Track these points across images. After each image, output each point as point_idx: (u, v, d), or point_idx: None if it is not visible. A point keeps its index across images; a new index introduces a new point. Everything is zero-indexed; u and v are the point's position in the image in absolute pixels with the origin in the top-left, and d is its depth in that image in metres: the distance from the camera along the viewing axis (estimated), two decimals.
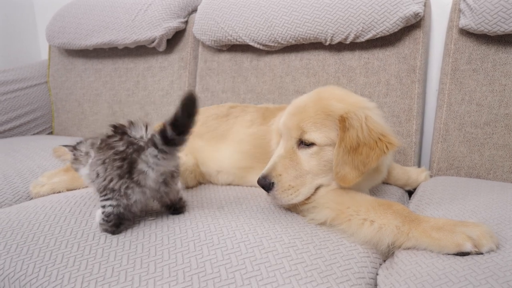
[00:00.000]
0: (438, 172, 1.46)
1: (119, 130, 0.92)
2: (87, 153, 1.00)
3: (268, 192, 1.02)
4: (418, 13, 1.39)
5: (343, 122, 0.98)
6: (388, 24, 1.41)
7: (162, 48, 1.99)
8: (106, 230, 0.93)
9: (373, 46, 1.53)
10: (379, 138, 0.97)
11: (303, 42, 1.62)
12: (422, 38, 1.46)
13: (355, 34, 1.48)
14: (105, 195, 0.91)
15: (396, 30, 1.43)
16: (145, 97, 2.09)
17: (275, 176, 1.01)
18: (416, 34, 1.47)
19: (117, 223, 0.93)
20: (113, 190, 0.89)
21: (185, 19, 1.98)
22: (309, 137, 1.00)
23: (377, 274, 0.84)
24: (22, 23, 2.73)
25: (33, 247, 0.89)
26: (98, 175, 0.91)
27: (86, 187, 1.23)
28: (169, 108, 2.01)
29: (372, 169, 0.98)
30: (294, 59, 1.69)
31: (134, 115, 2.12)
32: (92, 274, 0.79)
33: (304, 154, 1.02)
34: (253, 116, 1.35)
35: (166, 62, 2.03)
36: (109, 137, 0.92)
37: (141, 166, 0.87)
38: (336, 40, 1.53)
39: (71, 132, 2.36)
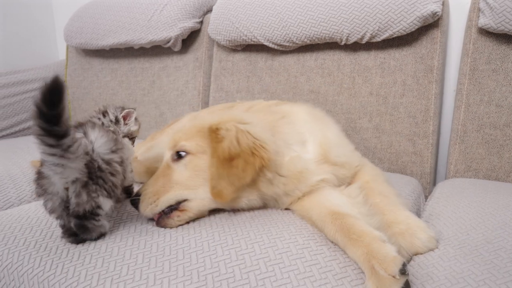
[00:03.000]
0: (456, 174, 1.44)
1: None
2: None
3: (139, 209, 0.97)
4: (436, 13, 1.36)
5: (214, 133, 0.95)
6: (405, 23, 1.39)
7: (177, 48, 2.00)
8: (68, 241, 0.90)
9: (389, 45, 1.51)
10: (252, 152, 0.93)
11: (318, 42, 1.61)
12: (440, 38, 1.44)
13: (371, 34, 1.46)
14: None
15: (413, 29, 1.41)
16: (160, 97, 2.11)
17: (143, 189, 0.98)
18: (433, 34, 1.44)
19: (70, 233, 0.89)
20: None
21: (200, 19, 1.99)
22: (181, 145, 0.98)
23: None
24: (41, 23, 2.79)
25: (51, 244, 0.91)
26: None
27: None
28: (184, 108, 2.03)
29: (248, 185, 0.94)
30: (309, 59, 1.68)
31: (149, 114, 2.14)
32: (108, 271, 0.80)
33: (178, 166, 0.98)
34: (244, 108, 1.37)
35: (181, 62, 2.05)
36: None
37: (44, 169, 0.80)
38: (352, 40, 1.51)
39: None
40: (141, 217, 1.02)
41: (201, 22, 2.01)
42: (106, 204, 0.89)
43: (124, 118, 1.08)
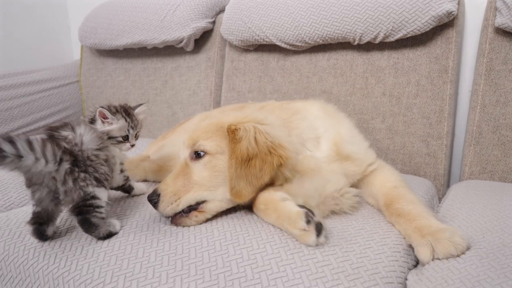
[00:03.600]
0: (470, 176, 1.41)
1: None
2: None
3: (156, 207, 0.97)
4: (451, 12, 1.34)
5: (233, 134, 0.95)
6: (419, 23, 1.38)
7: (190, 48, 2.01)
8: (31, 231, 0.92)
9: (403, 45, 1.49)
10: (269, 151, 0.93)
11: (331, 42, 1.60)
12: (455, 38, 1.41)
13: (384, 34, 1.45)
14: None
15: (428, 29, 1.39)
16: (173, 97, 2.12)
17: (163, 188, 0.98)
18: (448, 34, 1.42)
19: (34, 221, 0.91)
20: None
21: (213, 19, 2.00)
22: (200, 145, 0.98)
23: (406, 279, 0.82)
24: (56, 24, 2.83)
25: (65, 241, 0.92)
26: None
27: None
28: (196, 108, 2.04)
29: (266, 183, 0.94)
30: (321, 59, 1.67)
31: (162, 114, 2.16)
32: (121, 269, 0.81)
33: (197, 166, 0.98)
34: (256, 108, 1.37)
35: (194, 62, 2.06)
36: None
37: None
38: (365, 39, 1.50)
39: None
40: (153, 216, 1.03)
41: (214, 22, 2.01)
42: (103, 194, 0.91)
43: (104, 117, 1.03)
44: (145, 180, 1.36)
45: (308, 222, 0.81)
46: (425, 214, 0.93)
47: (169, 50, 2.12)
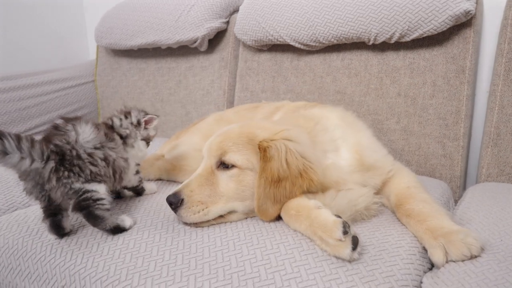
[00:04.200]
0: (487, 178, 1.39)
1: None
2: None
3: (175, 211, 0.96)
4: (469, 11, 1.32)
5: (264, 151, 0.93)
6: (436, 22, 1.36)
7: (204, 48, 2.02)
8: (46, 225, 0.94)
9: (419, 45, 1.48)
10: (301, 174, 0.92)
11: (345, 42, 1.59)
12: (473, 37, 1.39)
13: (400, 34, 1.43)
14: None
15: (445, 29, 1.37)
16: (186, 96, 2.13)
17: (187, 192, 0.96)
18: (466, 33, 1.40)
19: (47, 214, 0.93)
20: None
21: (227, 19, 2.01)
22: (230, 157, 0.95)
23: (421, 282, 0.81)
24: (72, 24, 2.88)
25: (81, 238, 0.94)
26: None
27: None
28: (209, 107, 2.05)
29: None
30: (335, 59, 1.66)
31: (175, 113, 2.18)
32: (136, 267, 0.82)
33: (223, 176, 0.97)
34: (271, 108, 1.38)
35: (207, 62, 2.06)
36: None
37: None
38: (380, 39, 1.49)
39: None
40: (167, 214, 1.03)
41: (228, 22, 2.02)
42: (98, 187, 0.92)
43: (146, 122, 1.13)
44: (159, 179, 1.38)
45: (345, 233, 0.78)
46: (437, 214, 0.92)
47: (183, 50, 2.14)
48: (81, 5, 2.93)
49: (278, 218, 0.96)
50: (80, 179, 0.89)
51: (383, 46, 1.54)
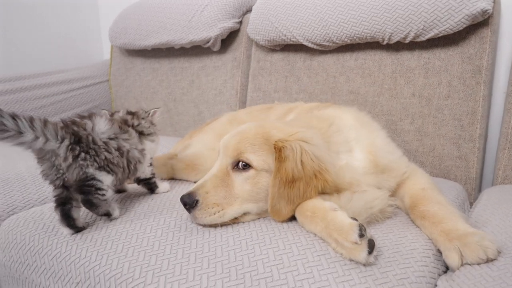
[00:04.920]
0: (504, 181, 1.36)
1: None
2: None
3: (189, 211, 0.96)
4: (486, 10, 1.30)
5: (279, 152, 0.92)
6: (452, 22, 1.34)
7: (217, 48, 2.03)
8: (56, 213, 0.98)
9: (434, 45, 1.46)
10: (315, 175, 0.91)
11: (359, 42, 1.58)
12: (490, 37, 1.37)
13: (415, 33, 1.41)
14: None
15: (461, 28, 1.35)
16: (199, 96, 2.15)
17: (202, 193, 0.95)
18: (483, 33, 1.37)
19: (59, 203, 0.96)
20: None
21: (240, 19, 2.01)
22: (247, 158, 0.95)
23: (436, 285, 0.80)
24: (87, 25, 2.92)
25: (96, 235, 0.95)
26: None
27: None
28: (222, 107, 2.05)
29: None
30: (348, 59, 1.65)
31: (188, 113, 2.19)
32: (149, 265, 0.83)
33: (239, 178, 0.96)
34: (284, 109, 1.38)
35: (220, 62, 2.07)
36: None
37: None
38: (395, 39, 1.47)
39: None
40: (180, 213, 1.04)
41: (240, 22, 2.02)
42: (105, 178, 0.96)
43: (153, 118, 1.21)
44: (171, 178, 1.38)
45: (361, 236, 0.77)
46: (452, 216, 0.90)
47: (196, 50, 2.15)
48: (96, 5, 2.97)
49: (292, 218, 0.96)
50: (95, 164, 0.94)
51: (398, 46, 1.53)
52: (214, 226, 0.96)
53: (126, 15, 2.38)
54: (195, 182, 1.02)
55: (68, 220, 0.96)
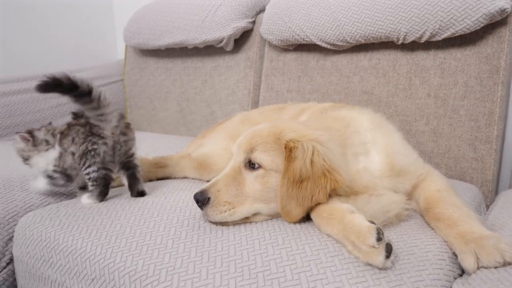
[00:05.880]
0: None
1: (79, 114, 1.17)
2: (45, 141, 1.14)
3: (202, 209, 0.97)
4: (504, 9, 1.27)
5: (289, 152, 0.91)
6: (469, 21, 1.32)
7: (230, 47, 2.04)
8: (99, 194, 1.14)
9: (450, 45, 1.43)
10: (324, 174, 0.89)
11: (373, 41, 1.56)
12: (508, 36, 1.34)
13: (431, 33, 1.39)
14: (84, 163, 1.12)
15: (478, 28, 1.32)
16: (212, 96, 2.15)
17: (214, 191, 0.96)
18: (501, 32, 1.35)
19: (106, 184, 1.15)
20: (85, 154, 1.10)
21: (253, 19, 2.01)
22: (256, 156, 0.95)
23: None
24: (102, 25, 2.96)
25: (110, 233, 0.96)
26: (73, 153, 1.13)
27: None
28: (234, 107, 2.06)
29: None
30: (362, 58, 1.64)
31: (201, 112, 2.20)
32: (163, 263, 0.83)
33: (250, 177, 0.96)
34: (297, 110, 1.38)
35: (233, 62, 2.08)
36: (72, 123, 1.16)
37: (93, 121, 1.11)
38: (410, 39, 1.45)
39: (142, 127, 2.51)
40: (193, 212, 1.05)
41: (254, 22, 2.02)
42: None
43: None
44: (185, 177, 1.39)
45: (378, 239, 0.75)
46: (467, 218, 0.89)
47: (209, 49, 2.16)
48: (111, 6, 3.00)
49: (305, 219, 0.95)
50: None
51: (413, 46, 1.51)
52: (226, 225, 0.97)
53: (140, 15, 2.40)
54: (208, 182, 1.02)
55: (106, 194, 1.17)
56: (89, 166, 1.11)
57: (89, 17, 2.85)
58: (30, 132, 1.15)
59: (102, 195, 1.15)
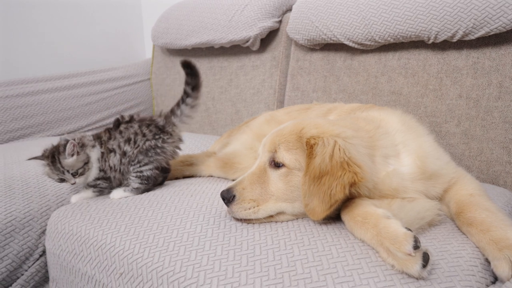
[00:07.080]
0: None
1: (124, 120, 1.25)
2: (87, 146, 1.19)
3: (227, 206, 0.98)
4: None
5: (310, 148, 0.90)
6: (505, 19, 1.27)
7: (256, 47, 2.04)
8: (142, 191, 1.23)
9: (484, 44, 1.39)
10: (342, 166, 0.86)
11: (403, 41, 1.53)
12: None
13: (464, 32, 1.35)
14: (140, 161, 1.20)
15: None
16: (237, 95, 2.16)
17: (239, 189, 0.97)
18: None
19: (154, 183, 1.26)
20: (148, 151, 1.19)
21: (279, 19, 2.01)
22: (279, 155, 0.95)
23: None
24: (131, 25, 3.02)
25: (138, 229, 0.98)
26: (125, 153, 1.20)
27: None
28: (259, 106, 2.06)
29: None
30: (391, 58, 1.61)
31: (226, 112, 2.21)
32: (190, 260, 0.84)
33: (274, 175, 0.96)
34: (323, 110, 1.37)
35: (259, 61, 2.08)
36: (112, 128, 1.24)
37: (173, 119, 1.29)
38: (441, 38, 1.41)
39: None
40: (219, 210, 1.06)
41: (280, 22, 2.02)
42: None
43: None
44: (210, 176, 1.41)
45: (415, 247, 0.72)
46: (501, 224, 0.85)
47: (235, 49, 2.17)
48: (139, 7, 3.06)
49: (334, 219, 0.94)
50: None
51: (444, 45, 1.47)
52: (251, 222, 0.97)
53: (167, 15, 2.44)
54: (233, 180, 1.03)
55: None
56: (145, 164, 1.21)
57: (118, 18, 2.92)
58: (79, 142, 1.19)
59: (143, 192, 1.24)
